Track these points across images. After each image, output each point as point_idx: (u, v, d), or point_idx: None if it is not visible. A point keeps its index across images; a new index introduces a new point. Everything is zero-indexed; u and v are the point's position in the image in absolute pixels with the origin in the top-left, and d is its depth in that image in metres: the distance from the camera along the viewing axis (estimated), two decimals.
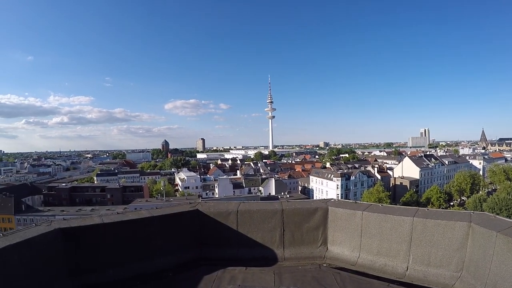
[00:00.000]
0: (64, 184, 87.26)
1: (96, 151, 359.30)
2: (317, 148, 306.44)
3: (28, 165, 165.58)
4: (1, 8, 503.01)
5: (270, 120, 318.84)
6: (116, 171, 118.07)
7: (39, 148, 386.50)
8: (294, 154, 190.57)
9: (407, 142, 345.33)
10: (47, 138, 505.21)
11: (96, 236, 4.24)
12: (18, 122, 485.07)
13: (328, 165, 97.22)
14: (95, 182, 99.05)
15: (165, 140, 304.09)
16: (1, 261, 3.14)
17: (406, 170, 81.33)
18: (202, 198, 64.71)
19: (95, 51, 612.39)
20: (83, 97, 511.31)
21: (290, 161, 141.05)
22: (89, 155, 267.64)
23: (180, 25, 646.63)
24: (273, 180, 74.63)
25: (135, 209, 7.92)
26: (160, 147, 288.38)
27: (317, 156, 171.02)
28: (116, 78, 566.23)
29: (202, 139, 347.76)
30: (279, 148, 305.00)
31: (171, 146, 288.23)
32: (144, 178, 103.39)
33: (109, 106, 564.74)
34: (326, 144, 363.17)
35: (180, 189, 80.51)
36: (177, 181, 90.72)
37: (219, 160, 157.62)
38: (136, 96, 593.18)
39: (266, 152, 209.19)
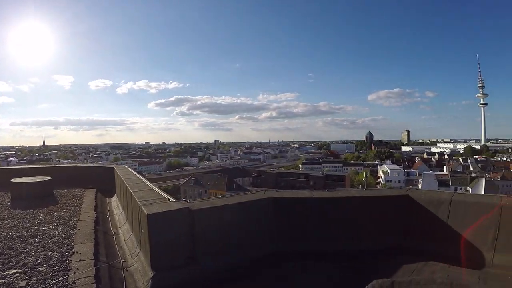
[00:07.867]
0: (271, 170, 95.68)
1: (302, 141, 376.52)
2: None
3: (241, 153, 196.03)
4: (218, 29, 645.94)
5: (481, 108, 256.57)
6: (320, 160, 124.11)
7: (250, 138, 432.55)
8: (510, 150, 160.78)
9: None
10: (258, 130, 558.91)
11: (304, 208, 4.61)
12: (233, 118, 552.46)
13: None
14: (300, 169, 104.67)
15: (369, 131, 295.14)
16: (219, 216, 4.08)
17: None
18: None
19: (297, 52, 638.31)
20: (289, 93, 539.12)
21: (505, 159, 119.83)
22: (295, 145, 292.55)
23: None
24: (483, 180, 66.48)
25: None
26: (363, 138, 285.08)
27: None
28: (318, 73, 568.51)
29: (407, 130, 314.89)
30: (492, 142, 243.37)
31: (375, 138, 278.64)
32: (347, 169, 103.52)
33: (314, 100, 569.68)
34: None
35: (382, 182, 79.45)
36: (380, 173, 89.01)
37: (424, 153, 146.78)
38: (339, 88, 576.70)
39: (477, 147, 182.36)
